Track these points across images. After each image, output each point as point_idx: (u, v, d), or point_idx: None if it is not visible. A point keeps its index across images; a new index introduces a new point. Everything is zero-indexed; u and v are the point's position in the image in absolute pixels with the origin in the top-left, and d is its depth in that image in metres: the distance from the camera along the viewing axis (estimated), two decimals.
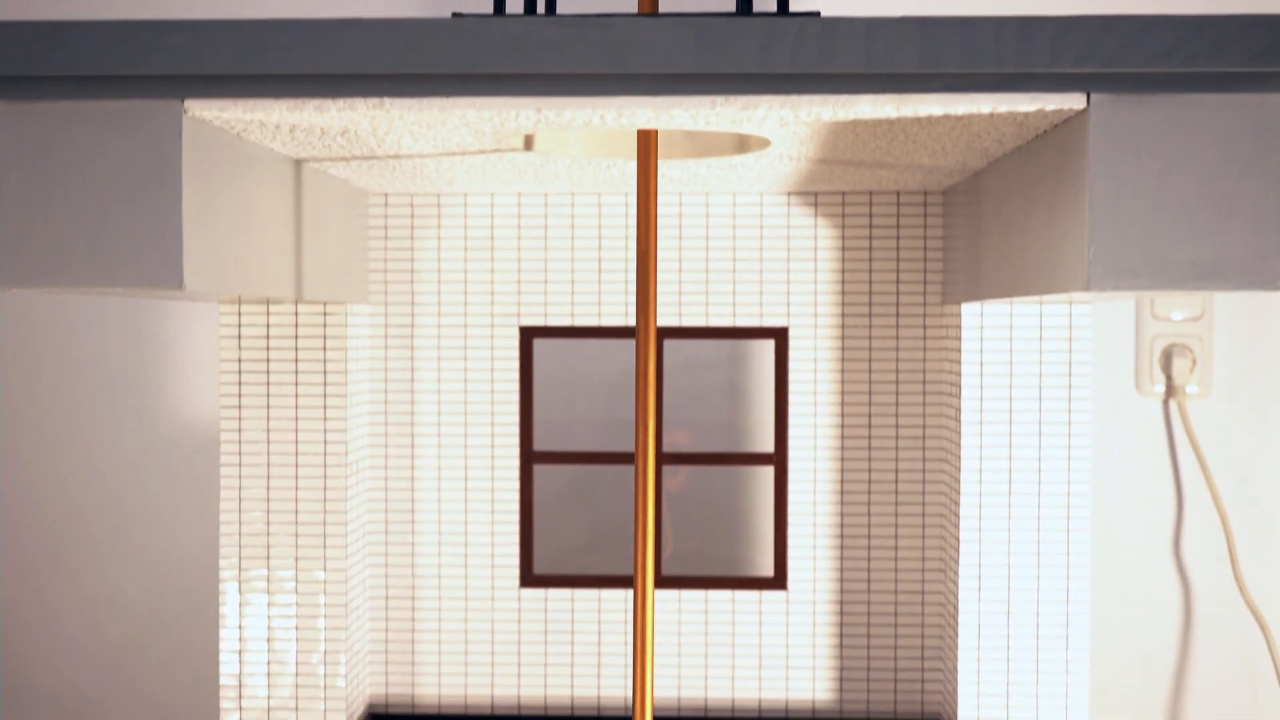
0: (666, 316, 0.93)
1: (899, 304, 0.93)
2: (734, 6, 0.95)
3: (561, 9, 1.07)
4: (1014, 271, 0.69)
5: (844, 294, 0.93)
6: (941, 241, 0.92)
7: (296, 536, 0.88)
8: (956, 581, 0.87)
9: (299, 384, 0.88)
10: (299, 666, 0.89)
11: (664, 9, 1.09)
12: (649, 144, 0.69)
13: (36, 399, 1.13)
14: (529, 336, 0.94)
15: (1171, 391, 1.08)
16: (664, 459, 0.95)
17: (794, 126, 0.62)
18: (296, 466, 0.88)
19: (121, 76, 0.57)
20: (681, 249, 0.93)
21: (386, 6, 1.09)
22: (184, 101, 0.57)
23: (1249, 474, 1.09)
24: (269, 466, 0.88)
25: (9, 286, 0.57)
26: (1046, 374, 0.86)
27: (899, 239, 0.93)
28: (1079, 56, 0.55)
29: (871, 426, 0.93)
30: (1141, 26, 0.55)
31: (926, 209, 0.92)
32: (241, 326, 0.88)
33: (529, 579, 0.95)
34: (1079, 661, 0.87)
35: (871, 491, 0.94)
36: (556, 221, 0.93)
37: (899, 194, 0.92)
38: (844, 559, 0.94)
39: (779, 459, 0.94)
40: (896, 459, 0.93)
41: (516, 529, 0.94)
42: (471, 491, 0.94)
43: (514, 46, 0.56)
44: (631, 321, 0.93)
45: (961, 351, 0.86)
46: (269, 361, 0.88)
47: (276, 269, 0.70)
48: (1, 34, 0.56)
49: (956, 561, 0.87)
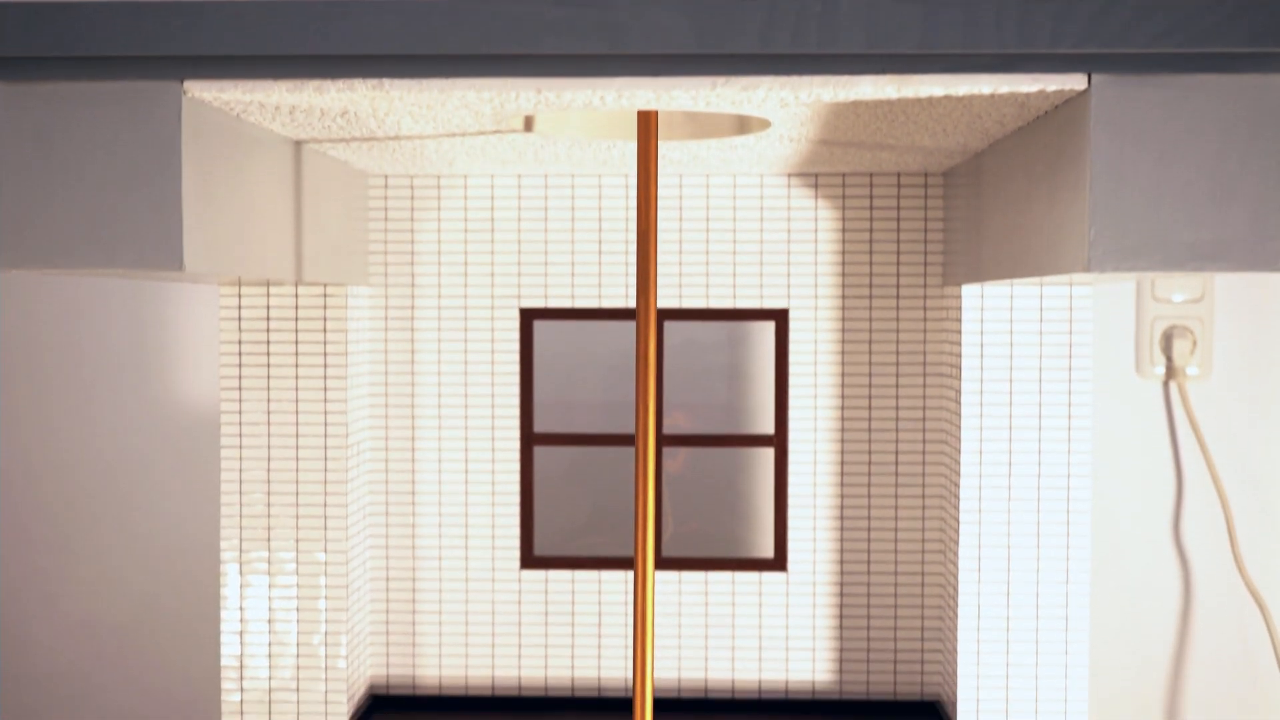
0: (667, 298, 0.93)
1: (899, 286, 0.93)
2: None
3: None
4: (1015, 253, 0.69)
5: (844, 275, 0.93)
6: (942, 223, 0.92)
7: (297, 518, 0.88)
8: (956, 563, 0.88)
9: (299, 366, 0.88)
10: (300, 648, 0.89)
11: None
12: (649, 125, 0.68)
13: (37, 381, 1.13)
14: (529, 318, 0.94)
15: (1172, 373, 1.08)
16: (664, 441, 0.95)
17: (794, 107, 0.62)
18: (297, 448, 0.88)
19: (121, 58, 0.57)
20: (682, 230, 0.93)
21: None
22: (183, 83, 0.57)
23: (1249, 456, 1.09)
24: (269, 448, 0.88)
25: (9, 268, 0.57)
26: (1047, 356, 0.86)
27: (899, 221, 0.92)
28: (1080, 37, 0.55)
29: (872, 408, 0.93)
30: (1143, 7, 0.54)
31: (927, 190, 0.92)
32: (242, 308, 0.88)
33: (529, 561, 0.95)
34: (1078, 643, 0.87)
35: (871, 473, 0.94)
36: (557, 203, 0.93)
37: (899, 175, 0.92)
38: (844, 541, 0.94)
39: (779, 441, 0.94)
40: (896, 441, 0.93)
41: (517, 511, 0.95)
42: (472, 473, 0.95)
43: (514, 27, 0.55)
44: (632, 303, 0.93)
45: (962, 333, 0.86)
46: (269, 343, 0.88)
47: (277, 251, 0.70)
48: (0, 14, 0.56)
49: (956, 543, 0.88)
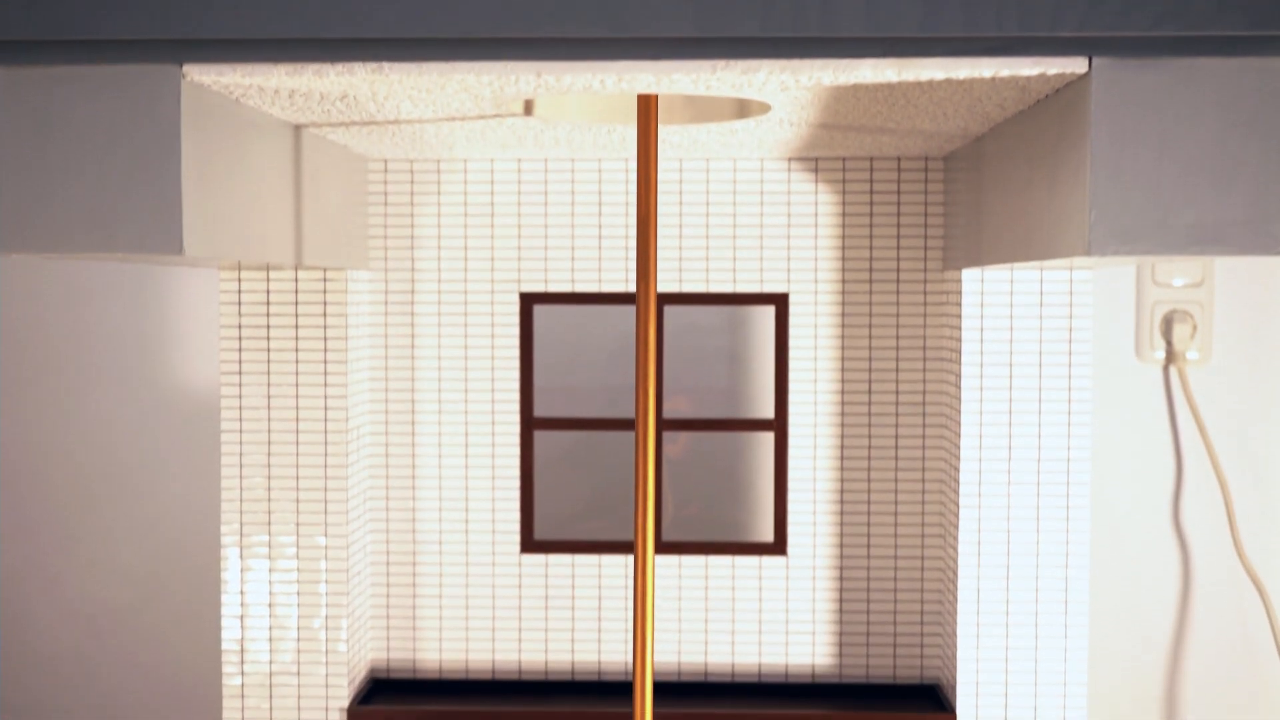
0: (667, 282, 0.93)
1: (899, 270, 0.93)
2: None
3: None
4: (1015, 237, 0.69)
5: (845, 260, 0.93)
6: (942, 207, 0.92)
7: (297, 502, 0.88)
8: (956, 547, 0.88)
9: (299, 350, 0.88)
10: (300, 632, 0.89)
11: None
12: (649, 109, 0.68)
13: (37, 366, 1.13)
14: (529, 302, 0.94)
15: (1172, 358, 1.08)
16: (664, 425, 0.95)
17: (795, 91, 0.62)
18: (297, 432, 0.88)
19: (119, 41, 0.56)
20: (682, 215, 0.93)
21: None
22: (182, 66, 0.57)
23: (1248, 440, 1.09)
24: (270, 433, 0.89)
25: (9, 252, 0.57)
26: (1047, 340, 0.86)
27: (900, 205, 0.92)
28: (1081, 20, 0.55)
29: (871, 393, 0.93)
30: None
31: (927, 174, 0.92)
32: (241, 292, 0.88)
33: (530, 545, 0.95)
34: (1078, 627, 0.87)
35: (871, 457, 0.94)
36: (557, 187, 0.93)
37: (900, 159, 0.92)
38: (844, 525, 0.94)
39: (779, 425, 0.94)
40: (896, 425, 0.93)
41: (517, 495, 0.95)
42: (472, 457, 0.95)
43: (513, 10, 0.55)
44: (632, 287, 0.93)
45: (962, 317, 0.86)
46: (269, 328, 0.88)
47: (276, 235, 0.70)
48: None
49: (956, 527, 0.88)
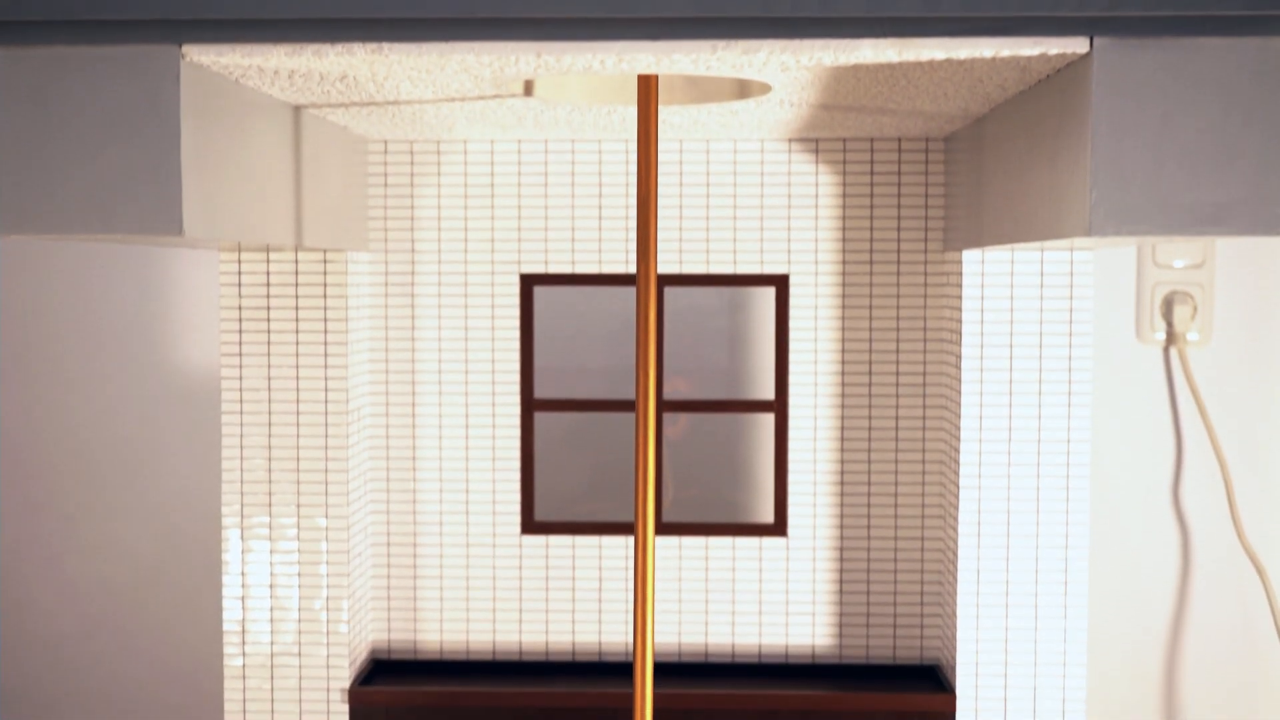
0: (667, 264, 0.93)
1: (900, 251, 0.93)
2: None
3: None
4: (1016, 218, 0.69)
5: (845, 241, 0.93)
6: (943, 188, 0.92)
7: (298, 483, 0.89)
8: (956, 528, 0.88)
9: (299, 331, 0.88)
10: (301, 612, 0.89)
11: None
12: (649, 89, 0.68)
13: (37, 347, 1.13)
14: (529, 284, 0.94)
15: (1172, 339, 1.08)
16: (664, 406, 0.95)
17: (795, 71, 0.62)
18: (298, 414, 0.88)
19: (118, 21, 0.56)
20: (682, 196, 0.93)
21: None
22: (181, 46, 0.57)
23: (1249, 421, 1.09)
24: (270, 414, 0.89)
25: (8, 233, 0.57)
26: (1047, 321, 0.86)
27: (900, 186, 0.92)
28: (1082, 0, 0.54)
29: (872, 373, 0.93)
30: None
31: (928, 155, 0.92)
32: (241, 274, 0.88)
33: (530, 526, 0.95)
34: (1077, 608, 0.87)
35: (872, 439, 0.94)
36: (557, 168, 0.93)
37: (900, 140, 0.92)
38: (844, 506, 0.94)
39: (779, 406, 0.94)
40: (897, 406, 0.94)
41: (517, 476, 0.95)
42: (472, 439, 0.95)
43: None
44: (632, 269, 0.93)
45: (962, 299, 0.86)
46: (269, 309, 0.88)
47: (276, 216, 0.70)
48: None
49: (956, 508, 0.88)
